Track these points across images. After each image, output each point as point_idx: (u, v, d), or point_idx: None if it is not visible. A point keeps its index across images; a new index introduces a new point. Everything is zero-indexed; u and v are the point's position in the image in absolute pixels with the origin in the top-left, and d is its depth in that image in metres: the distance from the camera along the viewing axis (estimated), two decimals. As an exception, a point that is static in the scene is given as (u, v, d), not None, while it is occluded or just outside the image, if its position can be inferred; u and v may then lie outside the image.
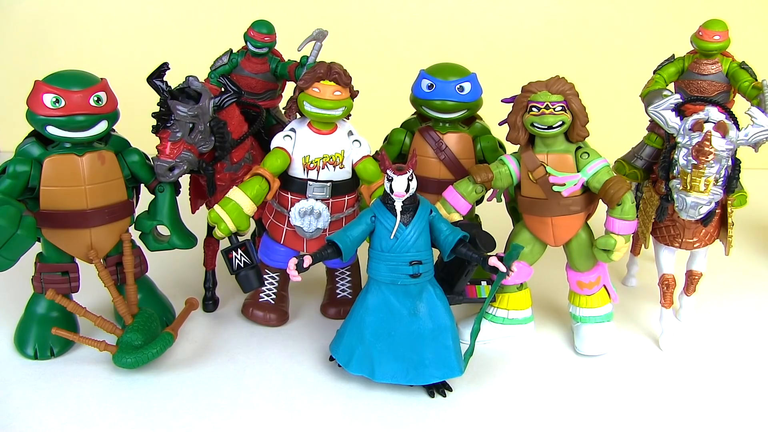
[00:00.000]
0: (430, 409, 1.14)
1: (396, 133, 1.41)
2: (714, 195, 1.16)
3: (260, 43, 1.47)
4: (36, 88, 1.15)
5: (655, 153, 1.47)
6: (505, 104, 1.26)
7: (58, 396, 1.15)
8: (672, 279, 1.33)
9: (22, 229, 1.09)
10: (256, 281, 1.27)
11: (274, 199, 1.32)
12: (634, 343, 1.34)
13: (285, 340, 1.33)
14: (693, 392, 1.20)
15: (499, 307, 1.33)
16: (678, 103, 1.22)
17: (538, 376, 1.24)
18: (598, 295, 1.32)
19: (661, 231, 1.30)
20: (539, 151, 1.23)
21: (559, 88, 1.19)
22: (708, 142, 1.12)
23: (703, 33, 1.43)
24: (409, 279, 1.14)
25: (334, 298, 1.43)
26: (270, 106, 1.55)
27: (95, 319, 1.21)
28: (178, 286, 1.49)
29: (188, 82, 1.21)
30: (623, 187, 1.19)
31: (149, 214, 1.27)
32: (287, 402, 1.15)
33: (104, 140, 1.22)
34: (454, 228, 1.15)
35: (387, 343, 1.15)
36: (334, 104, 1.23)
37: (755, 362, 1.29)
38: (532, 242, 1.29)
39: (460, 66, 1.36)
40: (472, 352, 1.19)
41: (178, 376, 1.21)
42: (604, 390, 1.20)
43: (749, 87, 1.41)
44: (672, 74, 1.48)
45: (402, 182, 1.10)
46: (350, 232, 1.15)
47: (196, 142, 1.22)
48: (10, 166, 1.15)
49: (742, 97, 1.44)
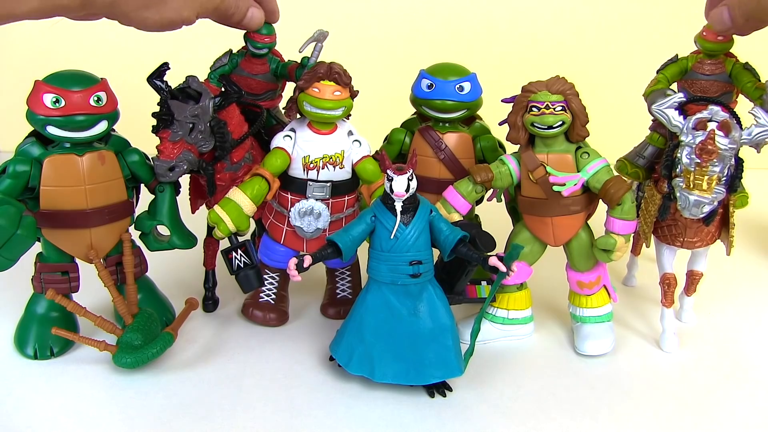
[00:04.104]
0: (430, 409, 1.14)
1: (396, 133, 1.41)
2: (717, 194, 1.16)
3: (260, 44, 1.47)
4: (36, 88, 1.15)
5: (657, 152, 1.47)
6: (505, 104, 1.26)
7: (58, 396, 1.15)
8: (673, 278, 1.33)
9: (22, 229, 1.09)
10: (256, 281, 1.27)
11: (274, 199, 1.32)
12: (634, 343, 1.34)
13: (285, 340, 1.33)
14: (693, 392, 1.20)
15: (499, 307, 1.33)
16: (681, 102, 1.21)
17: (538, 376, 1.24)
18: (598, 295, 1.32)
19: (663, 230, 1.30)
20: (539, 151, 1.23)
21: (559, 88, 1.19)
22: (711, 141, 1.12)
23: (706, 33, 1.42)
24: (409, 279, 1.14)
25: (334, 298, 1.43)
26: (270, 106, 1.55)
27: (95, 319, 1.21)
28: (178, 286, 1.49)
29: (188, 82, 1.21)
30: (623, 187, 1.19)
31: (149, 214, 1.27)
32: (287, 402, 1.15)
33: (104, 140, 1.22)
34: (454, 228, 1.15)
35: (387, 343, 1.15)
36: (334, 104, 1.23)
37: (755, 362, 1.29)
38: (532, 242, 1.29)
39: (460, 66, 1.36)
40: (472, 352, 1.19)
41: (178, 376, 1.21)
42: (604, 390, 1.20)
43: (752, 87, 1.41)
44: (675, 74, 1.47)
45: (402, 182, 1.10)
46: (350, 232, 1.15)
47: (196, 142, 1.22)
48: (10, 166, 1.15)
49: (745, 98, 1.44)
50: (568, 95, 1.19)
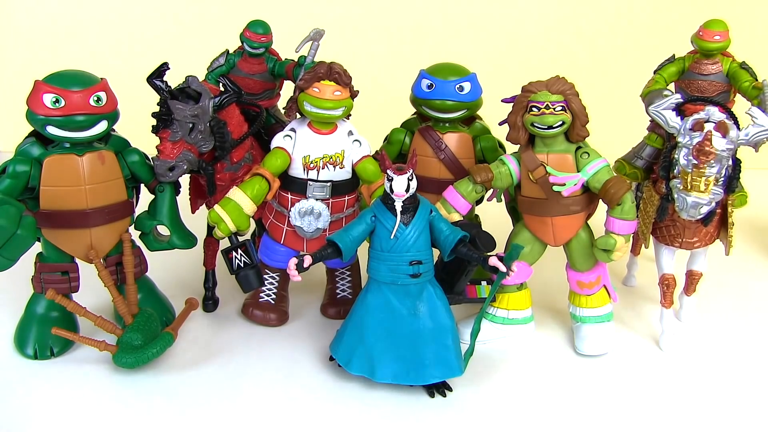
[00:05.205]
0: (430, 409, 1.14)
1: (396, 133, 1.41)
2: (714, 195, 1.16)
3: (257, 43, 1.47)
4: (36, 88, 1.15)
5: (656, 153, 1.47)
6: (505, 104, 1.26)
7: (58, 396, 1.15)
8: (672, 279, 1.33)
9: (22, 229, 1.09)
10: (256, 281, 1.27)
11: (274, 199, 1.32)
12: (634, 343, 1.34)
13: (285, 340, 1.32)
14: (693, 392, 1.20)
15: (499, 307, 1.33)
16: (678, 102, 1.22)
17: (538, 376, 1.24)
18: (598, 295, 1.32)
19: (662, 231, 1.30)
20: (539, 151, 1.23)
21: (559, 88, 1.19)
22: (709, 142, 1.12)
23: (703, 33, 1.43)
24: (409, 279, 1.14)
25: (334, 298, 1.43)
26: (268, 105, 1.55)
27: (95, 319, 1.21)
28: (178, 286, 1.49)
29: (188, 82, 1.21)
30: (623, 187, 1.19)
31: (149, 214, 1.27)
32: (287, 402, 1.15)
33: (104, 140, 1.22)
34: (454, 228, 1.15)
35: (387, 343, 1.15)
36: (334, 104, 1.23)
37: (755, 362, 1.29)
38: (532, 242, 1.29)
39: (460, 66, 1.36)
40: (472, 352, 1.19)
41: (178, 376, 1.21)
42: (604, 390, 1.20)
43: (750, 87, 1.41)
44: (672, 74, 1.48)
45: (402, 182, 1.10)
46: (350, 232, 1.15)
47: (196, 142, 1.22)
48: (10, 166, 1.15)
49: (743, 97, 1.44)
50: (568, 95, 1.19)
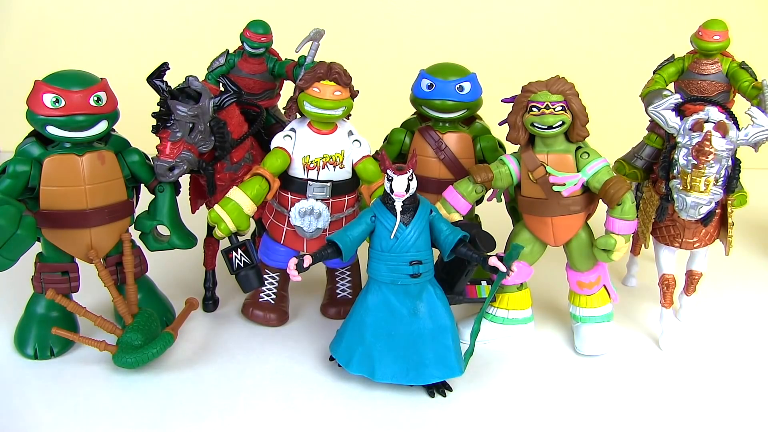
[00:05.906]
0: (430, 409, 1.14)
1: (396, 133, 1.41)
2: (714, 195, 1.16)
3: (257, 43, 1.47)
4: (36, 88, 1.15)
5: (655, 153, 1.47)
6: (505, 104, 1.26)
7: (58, 396, 1.15)
8: (672, 279, 1.33)
9: (22, 229, 1.09)
10: (256, 281, 1.27)
11: (274, 199, 1.32)
12: (634, 343, 1.34)
13: (285, 340, 1.33)
14: (693, 392, 1.20)
15: (499, 307, 1.33)
16: (678, 103, 1.22)
17: (538, 376, 1.24)
18: (598, 295, 1.32)
19: (661, 231, 1.30)
20: (539, 151, 1.23)
21: (559, 88, 1.19)
22: (708, 142, 1.12)
23: (702, 33, 1.43)
24: (409, 279, 1.14)
25: (334, 298, 1.43)
26: (268, 105, 1.55)
27: (95, 319, 1.21)
28: (178, 286, 1.49)
29: (188, 82, 1.21)
30: (623, 187, 1.19)
31: (149, 214, 1.27)
32: (287, 402, 1.15)
33: (104, 140, 1.22)
34: (454, 228, 1.15)
35: (387, 343, 1.15)
36: (334, 104, 1.23)
37: (755, 362, 1.29)
38: (532, 242, 1.29)
39: (460, 66, 1.36)
40: (472, 352, 1.19)
41: (178, 376, 1.21)
42: (604, 390, 1.20)
43: (749, 87, 1.41)
44: (672, 74, 1.48)
45: (402, 182, 1.10)
46: (350, 232, 1.15)
47: (196, 142, 1.22)
48: (10, 166, 1.15)
49: (742, 97, 1.44)
50: (568, 95, 1.19)
